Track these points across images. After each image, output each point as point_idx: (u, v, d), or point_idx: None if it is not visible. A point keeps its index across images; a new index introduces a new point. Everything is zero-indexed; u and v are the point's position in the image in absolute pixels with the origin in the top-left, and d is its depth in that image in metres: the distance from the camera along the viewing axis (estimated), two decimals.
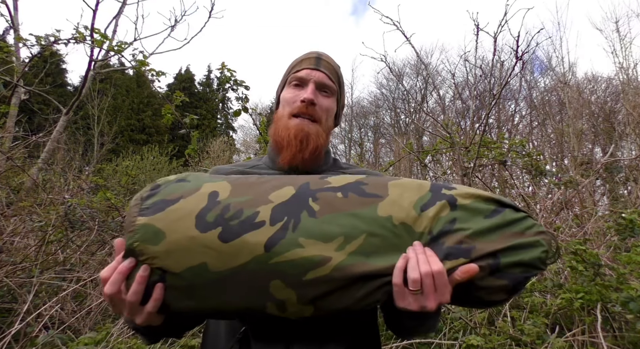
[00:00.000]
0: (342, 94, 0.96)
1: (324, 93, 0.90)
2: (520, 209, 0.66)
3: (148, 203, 0.61)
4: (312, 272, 0.58)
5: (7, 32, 13.30)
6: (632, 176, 5.43)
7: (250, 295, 0.60)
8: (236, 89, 3.28)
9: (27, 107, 8.03)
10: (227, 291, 0.59)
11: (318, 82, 0.89)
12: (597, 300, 2.12)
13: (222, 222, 0.59)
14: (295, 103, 0.87)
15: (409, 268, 0.59)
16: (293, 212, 0.61)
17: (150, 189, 0.64)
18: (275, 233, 0.58)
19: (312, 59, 0.92)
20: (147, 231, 0.59)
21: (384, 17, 4.21)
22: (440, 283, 0.59)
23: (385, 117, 19.71)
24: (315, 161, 0.88)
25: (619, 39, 9.84)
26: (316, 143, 0.85)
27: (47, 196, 3.77)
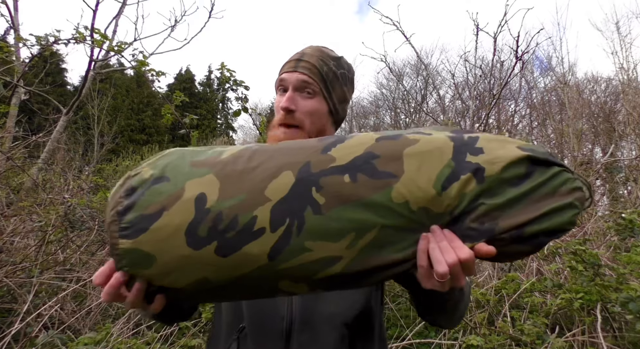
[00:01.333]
0: (332, 87, 0.91)
1: (306, 94, 0.88)
2: (555, 162, 0.58)
3: (127, 220, 0.54)
4: (322, 272, 0.55)
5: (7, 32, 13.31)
6: (632, 176, 5.43)
7: (259, 292, 0.58)
8: (236, 89, 3.28)
9: (27, 107, 8.03)
10: (233, 292, 0.58)
11: (296, 85, 0.87)
12: (597, 300, 2.12)
13: (216, 236, 0.53)
14: (279, 112, 0.87)
15: (434, 261, 0.54)
16: (295, 212, 0.53)
17: (126, 195, 0.56)
18: (279, 241, 0.53)
19: (292, 62, 0.90)
20: (134, 256, 0.53)
21: (384, 17, 4.22)
22: (469, 266, 0.56)
23: (385, 117, 19.70)
24: None
25: (619, 39, 9.85)
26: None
27: (47, 196, 3.77)
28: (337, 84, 0.93)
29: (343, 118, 0.98)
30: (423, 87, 16.91)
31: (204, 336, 2.45)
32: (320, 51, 0.92)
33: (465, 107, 10.02)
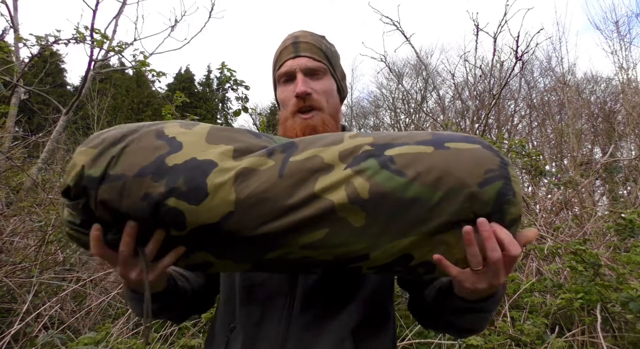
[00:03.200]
0: (335, 64, 0.91)
1: (316, 76, 0.85)
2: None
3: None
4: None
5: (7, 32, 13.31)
6: (631, 176, 5.43)
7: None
8: (236, 88, 3.28)
9: (27, 107, 8.03)
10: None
11: (304, 69, 0.84)
12: (597, 300, 2.12)
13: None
14: (291, 100, 0.84)
15: (469, 254, 0.56)
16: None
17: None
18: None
19: (289, 47, 0.87)
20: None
21: (384, 17, 4.22)
22: (512, 262, 0.57)
23: (385, 117, 19.70)
24: None
25: (618, 39, 9.85)
26: (325, 132, 0.81)
27: (47, 196, 3.77)
28: (336, 61, 0.92)
29: (346, 95, 0.97)
30: (423, 87, 16.91)
31: (203, 336, 2.45)
32: (309, 32, 0.90)
33: (465, 107, 10.03)
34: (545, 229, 3.30)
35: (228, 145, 0.59)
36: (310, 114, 0.83)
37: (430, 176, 0.55)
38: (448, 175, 0.55)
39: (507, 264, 0.57)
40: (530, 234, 0.59)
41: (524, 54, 3.34)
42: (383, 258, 0.58)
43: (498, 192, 0.55)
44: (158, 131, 0.59)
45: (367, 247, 0.57)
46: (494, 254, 0.55)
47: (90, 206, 0.56)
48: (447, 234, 0.57)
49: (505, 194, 0.55)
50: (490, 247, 0.55)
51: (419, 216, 0.56)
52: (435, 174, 0.55)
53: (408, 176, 0.55)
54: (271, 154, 0.59)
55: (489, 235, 0.55)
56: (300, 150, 0.60)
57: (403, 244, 0.57)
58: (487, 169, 0.56)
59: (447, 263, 0.57)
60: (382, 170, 0.56)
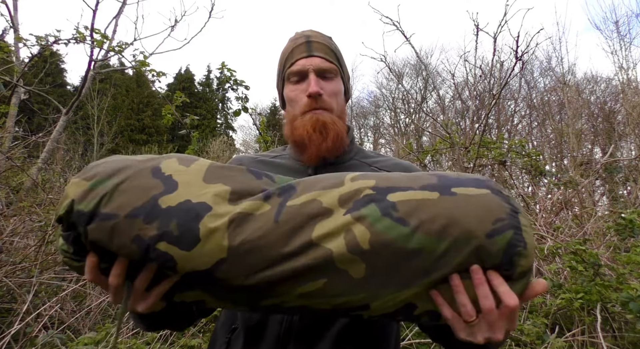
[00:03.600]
0: (343, 66, 0.91)
1: (327, 77, 0.85)
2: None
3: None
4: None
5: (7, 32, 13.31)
6: (631, 176, 5.43)
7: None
8: (236, 88, 3.28)
9: (27, 107, 8.03)
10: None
11: (317, 70, 0.84)
12: (597, 300, 2.12)
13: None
14: (302, 100, 0.84)
15: (459, 304, 0.53)
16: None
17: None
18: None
19: (302, 46, 0.86)
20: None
21: (384, 17, 4.22)
22: (512, 315, 0.53)
23: (385, 117, 19.72)
24: (340, 148, 0.84)
25: (618, 39, 9.85)
26: (335, 130, 0.82)
27: (47, 196, 3.77)
28: (344, 62, 0.92)
29: (350, 97, 0.97)
30: (423, 87, 16.92)
31: (203, 336, 2.45)
32: (318, 32, 0.90)
33: (465, 107, 10.03)
34: (545, 229, 3.30)
35: (225, 185, 0.57)
36: (319, 111, 0.83)
37: (435, 225, 0.52)
38: (454, 224, 0.52)
39: (506, 318, 0.53)
40: (539, 287, 0.55)
41: (524, 54, 3.34)
42: (384, 308, 0.56)
43: (508, 243, 0.52)
44: (154, 168, 0.58)
45: (367, 298, 0.55)
46: (485, 303, 0.52)
47: (80, 240, 0.55)
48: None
49: (516, 246, 0.52)
50: (481, 295, 0.52)
51: (423, 267, 0.53)
52: (441, 222, 0.52)
53: (411, 225, 0.52)
54: (268, 198, 0.57)
55: (479, 282, 0.52)
56: (298, 193, 0.57)
57: (405, 295, 0.54)
58: (496, 218, 0.52)
59: (442, 301, 0.54)
60: (383, 218, 0.53)
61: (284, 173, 0.85)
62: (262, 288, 0.54)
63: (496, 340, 0.54)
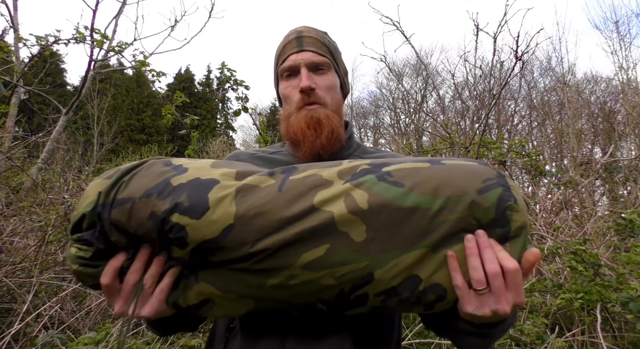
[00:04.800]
0: (338, 60, 0.89)
1: (320, 71, 0.84)
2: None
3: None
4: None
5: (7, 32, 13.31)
6: (631, 176, 5.43)
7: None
8: (236, 88, 3.28)
9: (27, 107, 8.04)
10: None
11: (308, 64, 0.82)
12: (597, 300, 2.12)
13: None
14: (295, 96, 0.83)
15: (470, 268, 0.53)
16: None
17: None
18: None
19: (293, 41, 0.85)
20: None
21: (384, 17, 4.22)
22: (515, 281, 0.53)
23: (385, 117, 19.72)
24: (335, 145, 0.83)
25: (618, 39, 9.85)
26: (330, 126, 0.81)
27: (47, 196, 3.77)
28: (339, 56, 0.91)
29: (348, 92, 0.95)
30: (423, 87, 16.92)
31: (203, 336, 2.45)
32: (312, 27, 0.88)
33: (465, 107, 10.03)
34: (545, 229, 3.30)
35: (231, 169, 0.62)
36: (314, 106, 0.82)
37: (428, 185, 0.55)
38: (446, 184, 0.55)
39: (511, 286, 0.53)
40: (531, 257, 0.56)
41: (524, 54, 3.34)
42: (388, 279, 0.56)
43: (499, 198, 0.55)
44: (166, 161, 0.63)
45: (370, 265, 0.56)
46: (490, 266, 0.53)
47: (105, 232, 0.57)
48: (451, 249, 0.56)
49: (506, 200, 0.55)
50: (487, 259, 0.53)
51: (421, 226, 0.55)
52: (434, 183, 0.56)
53: (406, 186, 0.56)
54: (272, 174, 0.61)
55: (485, 245, 0.53)
56: (300, 171, 0.61)
57: (407, 260, 0.55)
58: (485, 178, 0.56)
59: (456, 265, 0.55)
60: (380, 182, 0.57)
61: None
62: (268, 255, 0.55)
63: (503, 312, 0.53)
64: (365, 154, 0.90)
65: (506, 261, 0.53)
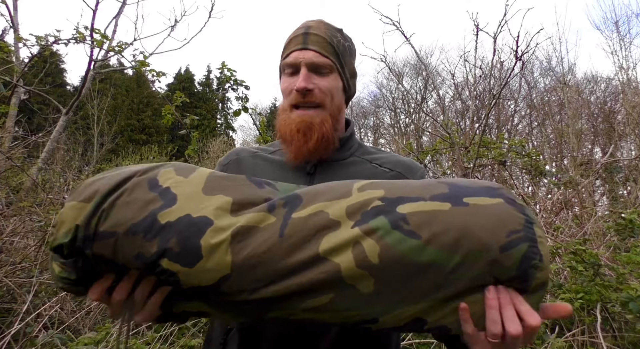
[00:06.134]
0: (345, 62, 0.85)
1: (320, 73, 0.81)
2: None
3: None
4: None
5: (7, 32, 13.31)
6: (631, 176, 5.43)
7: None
8: (236, 88, 3.28)
9: (27, 107, 8.04)
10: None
11: (309, 64, 0.80)
12: (597, 300, 2.12)
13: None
14: (291, 93, 0.81)
15: (489, 320, 0.50)
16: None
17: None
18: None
19: (299, 36, 0.82)
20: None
21: (384, 17, 4.22)
22: (531, 335, 0.51)
23: (385, 117, 19.71)
24: (326, 150, 0.81)
25: (618, 39, 9.85)
26: (321, 131, 0.79)
27: (47, 196, 3.77)
28: (348, 57, 0.87)
29: (354, 94, 0.93)
30: (423, 87, 16.92)
31: (203, 336, 2.45)
32: (324, 23, 0.85)
33: (465, 107, 10.03)
34: (545, 229, 3.30)
35: (226, 196, 0.55)
36: (311, 111, 0.80)
37: (447, 238, 0.49)
38: (467, 237, 0.49)
39: (526, 337, 0.51)
40: (561, 309, 0.53)
41: (524, 54, 3.34)
42: (393, 322, 0.54)
43: (523, 256, 0.50)
44: (151, 180, 0.56)
45: (375, 312, 0.53)
46: (512, 326, 0.50)
47: (89, 262, 0.53)
48: (465, 300, 0.52)
49: (531, 259, 0.50)
50: (508, 317, 0.50)
51: (434, 282, 0.51)
52: (453, 235, 0.49)
53: (423, 237, 0.50)
54: (272, 209, 0.55)
55: (506, 302, 0.50)
56: (304, 204, 0.55)
57: (415, 309, 0.52)
58: (510, 231, 0.50)
59: (468, 317, 0.51)
60: (393, 231, 0.50)
61: (283, 170, 0.84)
62: (267, 302, 0.52)
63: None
64: (366, 155, 0.89)
65: (529, 317, 0.50)
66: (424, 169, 0.91)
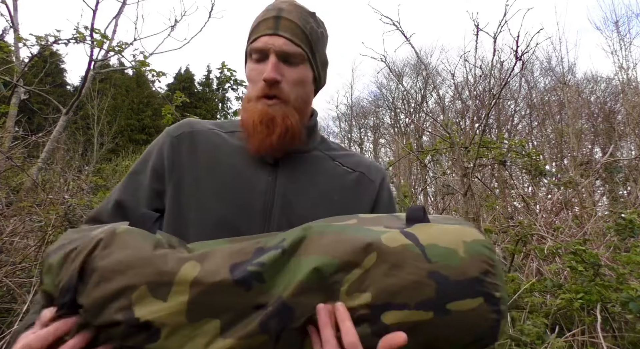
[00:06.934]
0: (316, 51, 0.79)
1: (290, 62, 0.76)
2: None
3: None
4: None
5: (7, 32, 13.32)
6: (631, 176, 5.43)
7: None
8: (236, 88, 3.29)
9: (27, 107, 8.04)
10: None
11: (279, 52, 0.74)
12: (597, 300, 2.12)
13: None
14: (258, 83, 0.75)
15: (324, 340, 0.51)
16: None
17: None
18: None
19: (269, 20, 0.75)
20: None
21: (384, 17, 4.22)
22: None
23: (385, 117, 19.72)
24: (290, 143, 0.77)
25: (618, 39, 9.85)
26: (284, 125, 0.75)
27: (47, 196, 3.77)
28: (320, 45, 0.81)
29: (324, 84, 0.87)
30: (423, 87, 16.92)
31: None
32: (296, 5, 0.79)
33: (465, 107, 10.02)
34: (545, 229, 3.30)
35: (214, 318, 0.52)
36: (275, 102, 0.75)
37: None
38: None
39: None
40: (395, 339, 0.52)
41: (524, 54, 3.34)
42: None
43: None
44: (130, 320, 0.50)
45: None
46: (347, 338, 0.50)
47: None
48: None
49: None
50: (344, 331, 0.51)
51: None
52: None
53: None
54: (265, 330, 0.51)
55: (342, 318, 0.51)
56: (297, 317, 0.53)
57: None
58: (478, 336, 0.54)
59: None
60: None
61: (244, 158, 0.79)
62: None
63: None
64: (329, 151, 0.86)
65: (345, 334, 0.51)
66: (385, 174, 0.89)
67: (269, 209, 0.75)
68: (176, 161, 0.79)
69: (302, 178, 0.80)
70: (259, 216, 0.74)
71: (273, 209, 0.75)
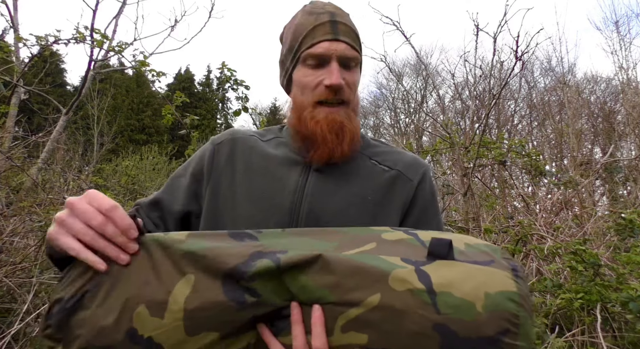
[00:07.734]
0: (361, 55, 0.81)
1: (349, 67, 0.76)
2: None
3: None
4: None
5: (7, 32, 13.32)
6: (631, 176, 5.43)
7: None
8: (236, 88, 3.29)
9: (27, 107, 8.03)
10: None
11: (341, 58, 0.73)
12: (597, 300, 2.12)
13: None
14: (317, 88, 0.74)
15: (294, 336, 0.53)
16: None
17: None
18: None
19: (326, 25, 0.74)
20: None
21: (384, 17, 4.22)
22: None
23: (385, 117, 19.72)
24: (354, 152, 0.78)
25: (618, 39, 9.85)
26: (352, 131, 0.75)
27: (47, 196, 3.77)
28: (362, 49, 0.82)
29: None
30: (423, 87, 16.93)
31: None
32: (342, 9, 0.79)
33: (465, 107, 10.03)
34: (545, 229, 3.30)
35: (213, 332, 0.52)
36: (338, 107, 0.75)
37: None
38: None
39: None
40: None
41: (524, 54, 3.34)
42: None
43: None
44: (129, 330, 0.53)
45: None
46: (316, 342, 0.51)
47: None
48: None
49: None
50: (315, 334, 0.51)
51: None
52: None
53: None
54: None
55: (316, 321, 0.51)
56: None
57: None
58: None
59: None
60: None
61: (280, 165, 0.80)
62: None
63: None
64: (366, 149, 0.85)
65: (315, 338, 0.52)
66: (428, 168, 0.85)
67: (297, 209, 0.75)
68: (215, 166, 0.82)
69: (335, 178, 0.78)
70: (286, 216, 0.74)
71: (301, 208, 0.75)
